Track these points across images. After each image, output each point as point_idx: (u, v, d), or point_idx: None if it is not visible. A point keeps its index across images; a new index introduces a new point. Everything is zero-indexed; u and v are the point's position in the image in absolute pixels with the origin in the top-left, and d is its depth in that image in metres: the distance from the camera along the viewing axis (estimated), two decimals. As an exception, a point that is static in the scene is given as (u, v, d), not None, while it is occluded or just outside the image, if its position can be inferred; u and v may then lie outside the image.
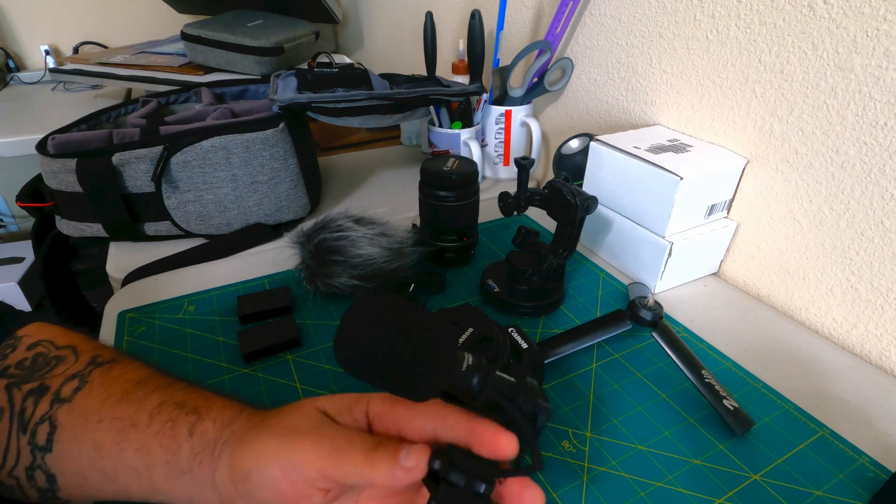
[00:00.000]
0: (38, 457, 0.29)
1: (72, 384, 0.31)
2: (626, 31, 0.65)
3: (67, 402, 0.30)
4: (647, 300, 0.46)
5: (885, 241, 0.46)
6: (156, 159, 0.59)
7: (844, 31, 0.44)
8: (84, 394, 0.30)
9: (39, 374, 0.31)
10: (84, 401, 0.30)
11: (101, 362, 0.32)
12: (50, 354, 0.33)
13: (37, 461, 0.29)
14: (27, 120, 1.26)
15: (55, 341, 0.34)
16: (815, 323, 0.53)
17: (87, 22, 1.68)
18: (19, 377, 0.31)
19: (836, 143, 0.47)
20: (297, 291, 0.55)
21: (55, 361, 0.32)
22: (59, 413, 0.30)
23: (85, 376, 0.31)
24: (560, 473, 0.37)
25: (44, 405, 0.30)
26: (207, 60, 1.12)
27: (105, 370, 0.32)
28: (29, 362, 0.32)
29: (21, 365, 0.32)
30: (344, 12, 1.52)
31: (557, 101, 0.81)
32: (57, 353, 0.33)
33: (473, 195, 0.56)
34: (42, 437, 0.29)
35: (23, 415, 0.30)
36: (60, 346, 0.33)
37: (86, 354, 0.33)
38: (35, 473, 0.29)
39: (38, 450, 0.29)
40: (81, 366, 0.32)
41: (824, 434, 0.40)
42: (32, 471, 0.29)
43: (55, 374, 0.31)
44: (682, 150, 0.55)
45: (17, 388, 0.30)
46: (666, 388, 0.44)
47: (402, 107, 0.69)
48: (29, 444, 0.29)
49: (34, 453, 0.29)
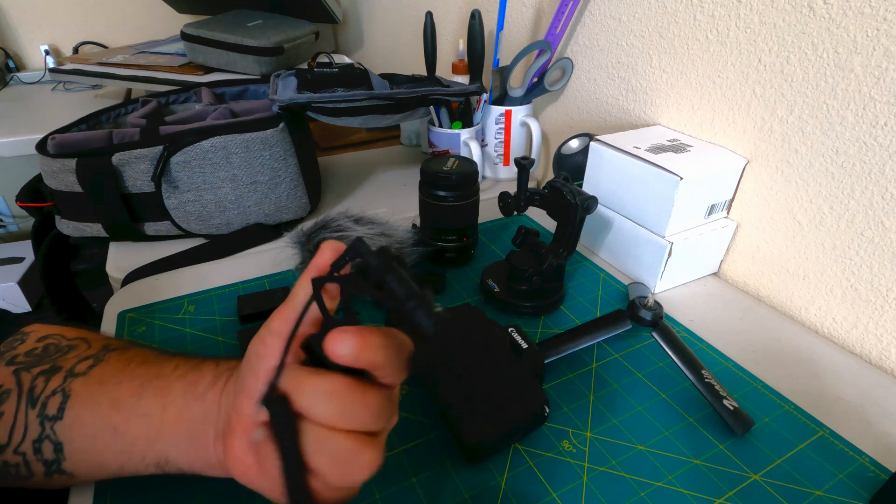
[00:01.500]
0: (46, 427, 0.29)
1: (87, 363, 0.31)
2: (626, 31, 0.65)
3: (83, 375, 0.30)
4: (647, 300, 0.46)
5: (885, 241, 0.46)
6: (156, 159, 0.59)
7: (844, 31, 0.44)
8: (100, 367, 0.31)
9: (50, 358, 0.31)
10: (101, 371, 0.31)
11: (115, 347, 0.33)
12: (61, 344, 0.33)
13: (45, 431, 0.29)
14: (27, 120, 1.26)
15: (65, 334, 0.34)
16: (815, 323, 0.53)
17: (87, 22, 1.68)
18: (28, 363, 0.31)
19: (836, 143, 0.47)
20: (297, 291, 0.55)
21: (67, 349, 0.32)
22: (74, 384, 0.30)
23: (100, 357, 0.32)
24: (560, 473, 0.37)
25: (56, 381, 0.30)
26: (207, 60, 1.12)
27: (120, 352, 0.32)
28: (39, 351, 0.32)
29: (31, 353, 0.32)
30: (344, 12, 1.52)
31: (557, 101, 0.81)
32: (69, 343, 0.33)
33: (473, 195, 0.56)
34: (53, 408, 0.30)
35: (32, 392, 0.30)
36: (71, 337, 0.34)
37: (98, 343, 0.33)
38: (42, 445, 0.30)
39: (48, 420, 0.30)
40: (95, 350, 0.32)
41: (824, 434, 0.40)
42: (40, 442, 0.29)
43: (68, 357, 0.32)
44: (682, 150, 0.55)
45: (25, 371, 0.31)
46: (666, 388, 0.44)
47: (402, 107, 0.69)
48: (38, 416, 0.30)
49: (43, 424, 0.30)
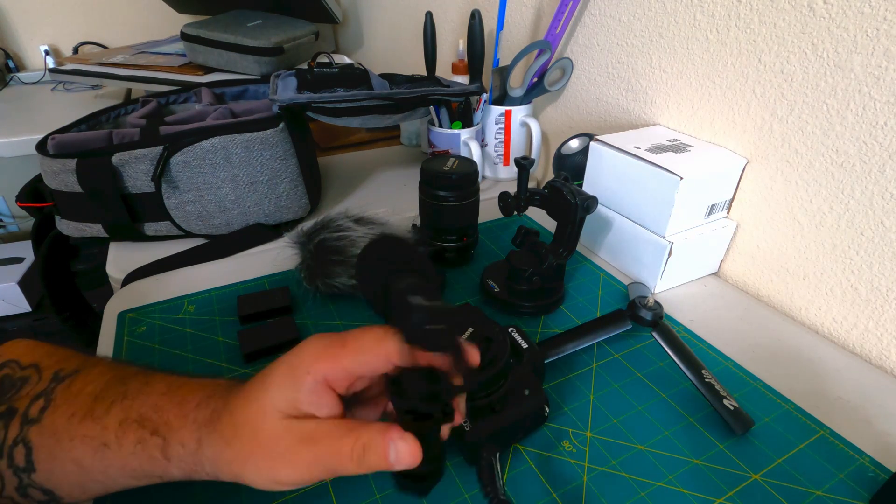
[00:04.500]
0: (23, 478, 0.30)
1: (38, 404, 0.31)
2: (626, 31, 0.65)
3: (37, 423, 0.30)
4: (647, 300, 0.46)
5: (885, 241, 0.46)
6: (156, 159, 0.59)
7: (844, 31, 0.44)
8: (50, 413, 0.31)
9: (6, 396, 0.32)
10: (51, 420, 0.30)
11: (63, 377, 0.33)
12: (15, 376, 0.33)
13: (24, 481, 0.30)
14: (27, 120, 1.26)
15: (21, 360, 0.34)
16: (816, 323, 0.53)
17: (87, 22, 1.68)
18: None
19: (836, 142, 0.47)
20: (297, 291, 0.55)
21: (20, 383, 0.32)
22: (31, 434, 0.30)
23: (49, 394, 0.31)
24: (560, 473, 0.37)
25: (14, 428, 0.30)
26: (207, 60, 1.12)
27: (66, 385, 0.32)
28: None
29: None
30: (344, 12, 1.52)
31: (557, 101, 0.81)
32: (21, 374, 0.33)
33: (473, 195, 0.56)
34: (21, 459, 0.30)
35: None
36: (25, 365, 0.34)
37: (48, 371, 0.33)
38: (28, 491, 0.30)
39: (22, 471, 0.30)
40: (45, 384, 0.32)
41: (824, 434, 0.40)
42: (24, 489, 0.30)
43: (21, 395, 0.32)
44: (682, 150, 0.55)
45: None
46: (666, 388, 0.44)
47: (402, 107, 0.69)
48: (10, 467, 0.30)
49: (18, 475, 0.30)
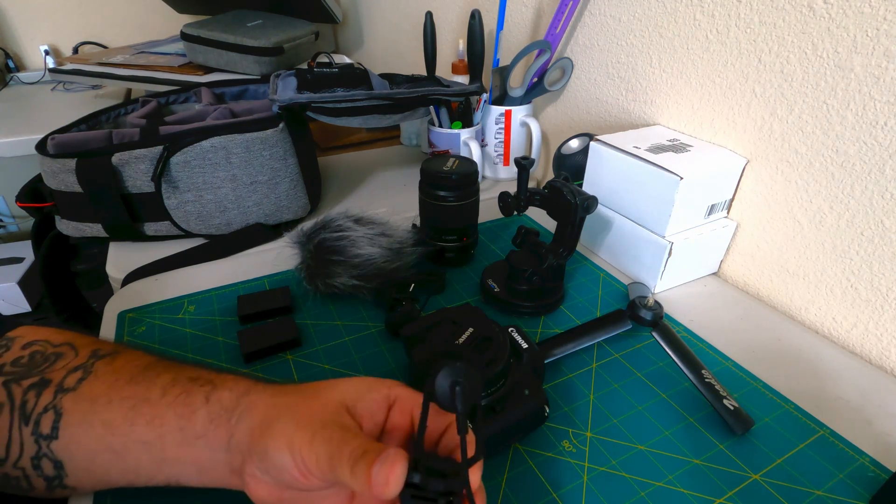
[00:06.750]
0: (42, 445, 0.29)
1: (75, 375, 0.31)
2: (626, 31, 0.65)
3: (73, 391, 0.30)
4: (647, 300, 0.46)
5: (885, 241, 0.46)
6: (156, 159, 0.59)
7: (844, 31, 0.44)
8: (90, 381, 0.30)
9: (38, 369, 0.31)
10: (90, 388, 0.30)
11: (103, 354, 0.32)
12: (47, 352, 0.32)
13: (42, 450, 0.29)
14: (27, 120, 1.26)
15: (51, 340, 0.33)
16: (815, 323, 0.53)
17: (87, 22, 1.68)
18: (17, 374, 0.31)
19: (836, 142, 0.47)
20: (297, 291, 0.55)
21: (54, 357, 0.32)
22: (65, 401, 0.30)
23: (88, 367, 0.31)
24: (560, 473, 0.37)
25: (47, 396, 0.30)
26: (207, 60, 1.12)
27: (108, 361, 0.32)
28: (26, 360, 0.32)
29: (17, 363, 0.31)
30: (344, 12, 1.52)
31: (557, 101, 0.81)
32: (55, 350, 0.32)
33: (473, 195, 0.56)
34: (47, 426, 0.29)
35: (24, 407, 0.30)
36: (57, 343, 0.33)
37: (85, 349, 0.33)
38: (41, 462, 0.29)
39: (43, 438, 0.29)
40: (83, 359, 0.32)
41: (824, 434, 0.40)
42: (38, 459, 0.29)
43: (56, 368, 0.31)
44: (682, 150, 0.55)
45: (16, 383, 0.30)
46: (666, 388, 0.44)
47: (402, 107, 0.69)
48: (33, 434, 0.29)
49: (38, 442, 0.29)
